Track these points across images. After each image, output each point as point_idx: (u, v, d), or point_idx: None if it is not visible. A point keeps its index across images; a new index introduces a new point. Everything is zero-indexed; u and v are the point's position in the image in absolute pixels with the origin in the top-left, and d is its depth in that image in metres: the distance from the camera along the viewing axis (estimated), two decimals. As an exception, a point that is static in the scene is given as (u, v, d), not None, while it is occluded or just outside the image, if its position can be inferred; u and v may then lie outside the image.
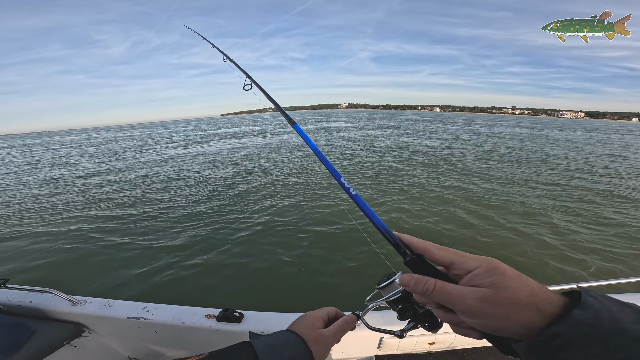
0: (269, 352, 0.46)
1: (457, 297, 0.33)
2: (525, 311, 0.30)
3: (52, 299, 1.17)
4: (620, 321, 0.28)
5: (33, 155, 20.46)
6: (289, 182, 6.98)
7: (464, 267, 0.35)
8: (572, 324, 0.28)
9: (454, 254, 0.36)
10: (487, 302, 0.31)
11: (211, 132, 31.46)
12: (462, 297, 0.33)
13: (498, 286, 0.32)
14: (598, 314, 0.28)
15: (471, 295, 0.32)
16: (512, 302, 0.31)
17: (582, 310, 0.29)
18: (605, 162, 11.57)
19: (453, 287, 0.34)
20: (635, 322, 0.28)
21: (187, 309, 1.11)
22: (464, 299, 0.33)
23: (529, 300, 0.31)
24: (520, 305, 0.31)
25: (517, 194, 6.29)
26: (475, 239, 4.10)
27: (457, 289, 0.34)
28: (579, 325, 0.28)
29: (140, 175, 9.40)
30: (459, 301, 0.33)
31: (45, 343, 1.05)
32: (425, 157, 11.12)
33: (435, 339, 1.10)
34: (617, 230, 4.51)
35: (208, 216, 5.01)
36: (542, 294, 0.31)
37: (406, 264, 0.40)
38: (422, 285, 0.36)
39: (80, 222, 5.14)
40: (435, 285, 0.35)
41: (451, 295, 0.34)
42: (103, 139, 33.79)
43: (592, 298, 0.30)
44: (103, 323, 1.14)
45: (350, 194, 0.49)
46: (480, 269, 0.33)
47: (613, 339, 0.27)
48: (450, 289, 0.34)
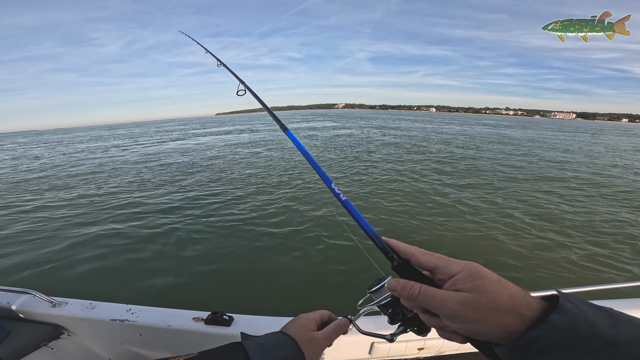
0: (260, 353, 0.45)
1: (440, 301, 0.34)
2: (505, 315, 0.31)
3: (32, 300, 1.12)
4: (595, 325, 0.28)
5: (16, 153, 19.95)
6: (280, 185, 6.91)
7: (447, 271, 0.35)
8: (550, 328, 0.29)
9: (438, 259, 0.37)
10: (468, 306, 0.32)
11: (201, 130, 31.24)
12: (445, 301, 0.33)
13: (479, 290, 0.32)
14: (574, 318, 0.29)
15: (453, 300, 0.33)
16: (492, 307, 0.31)
17: (559, 314, 0.30)
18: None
19: (436, 292, 0.35)
20: (610, 327, 0.28)
21: (174, 312, 1.07)
22: (446, 303, 0.33)
23: (508, 305, 0.31)
24: (500, 310, 0.31)
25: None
26: (465, 243, 4.13)
27: (440, 293, 0.34)
28: (556, 330, 0.29)
29: (125, 172, 9.25)
30: (441, 305, 0.34)
31: (20, 344, 1.00)
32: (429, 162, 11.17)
33: (424, 344, 1.09)
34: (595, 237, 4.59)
35: (197, 217, 4.92)
36: (521, 299, 0.32)
37: (394, 268, 0.40)
38: (408, 290, 0.36)
39: (63, 222, 5.00)
40: (420, 290, 0.35)
41: (434, 299, 0.34)
42: (88, 137, 33.25)
43: (569, 302, 0.31)
44: (84, 325, 1.09)
45: (340, 200, 0.49)
46: (462, 274, 0.34)
47: (589, 343, 0.28)
48: (433, 294, 0.34)
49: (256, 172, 8.42)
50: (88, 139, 27.57)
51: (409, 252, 0.39)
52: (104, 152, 15.36)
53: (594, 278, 3.28)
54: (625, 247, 3.99)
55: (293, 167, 8.95)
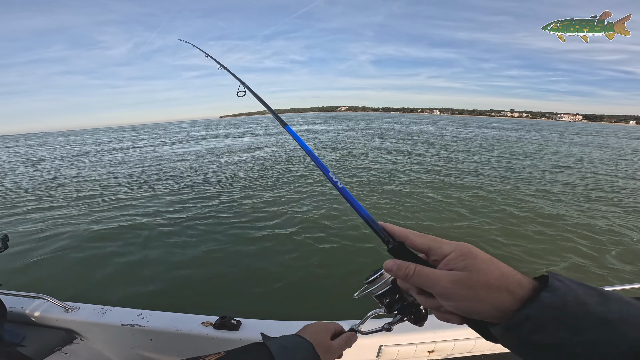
0: (282, 354, 0.49)
1: (434, 279, 0.35)
2: (497, 293, 0.32)
3: (45, 305, 1.15)
4: (585, 304, 0.29)
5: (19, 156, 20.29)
6: (283, 188, 6.94)
7: (440, 251, 0.37)
8: (541, 307, 0.30)
9: (431, 240, 0.38)
10: (461, 284, 0.33)
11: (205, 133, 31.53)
12: (438, 279, 0.34)
13: (470, 269, 0.33)
14: (564, 297, 0.30)
15: (446, 278, 0.34)
16: (483, 284, 0.32)
17: (550, 293, 0.30)
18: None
19: (430, 271, 0.36)
20: (600, 304, 0.29)
21: (183, 316, 1.09)
22: (439, 281, 0.34)
23: (499, 283, 0.32)
24: (492, 287, 0.32)
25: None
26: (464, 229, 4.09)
27: (434, 272, 0.36)
28: (547, 308, 0.29)
29: (133, 175, 9.35)
30: (435, 284, 0.35)
31: (35, 349, 1.02)
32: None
33: (434, 347, 1.08)
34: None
35: (204, 222, 4.94)
36: (512, 277, 0.33)
37: (389, 251, 0.41)
38: (404, 269, 0.37)
39: (75, 226, 5.08)
40: (415, 270, 0.37)
41: (428, 278, 0.35)
42: (99, 140, 33.78)
43: (559, 282, 0.31)
44: (96, 330, 1.12)
45: (337, 187, 0.50)
46: (454, 254, 0.35)
47: (579, 321, 0.28)
48: (427, 272, 0.36)
49: (260, 174, 8.46)
50: (98, 141, 27.97)
51: (403, 235, 0.40)
52: (111, 154, 15.57)
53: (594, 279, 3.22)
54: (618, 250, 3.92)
55: (295, 169, 8.98)
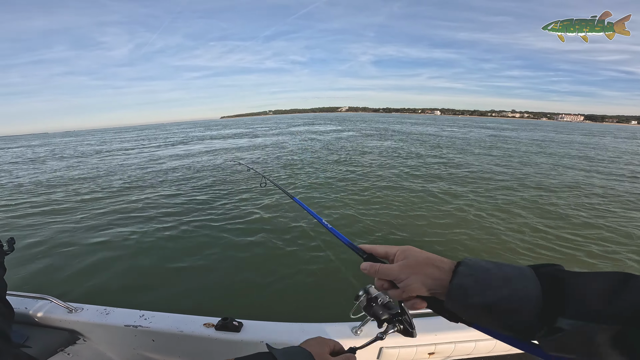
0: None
1: (389, 269, 0.51)
2: (427, 268, 0.47)
3: (48, 306, 1.16)
4: (488, 269, 0.42)
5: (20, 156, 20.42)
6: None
7: (392, 252, 0.54)
8: (461, 276, 0.42)
9: (386, 248, 0.56)
10: (404, 267, 0.49)
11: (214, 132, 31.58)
12: (391, 269, 0.51)
13: (408, 257, 0.50)
14: (473, 267, 0.43)
15: (395, 267, 0.51)
16: (416, 264, 0.48)
17: (463, 266, 0.44)
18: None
19: (387, 266, 0.53)
20: (497, 268, 0.41)
21: (185, 317, 1.10)
22: (393, 269, 0.51)
23: (427, 261, 0.48)
24: (422, 265, 0.48)
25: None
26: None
27: (389, 266, 0.52)
28: (465, 276, 0.42)
29: (134, 175, 9.38)
30: (390, 272, 0.51)
31: (38, 350, 1.03)
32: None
33: (435, 349, 1.08)
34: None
35: (207, 224, 4.96)
36: (435, 258, 0.49)
37: (364, 260, 0.59)
38: (374, 268, 0.54)
39: (77, 226, 5.10)
40: (380, 267, 0.53)
41: (387, 269, 0.52)
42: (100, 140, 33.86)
43: (467, 259, 0.45)
44: (99, 331, 1.13)
45: (327, 228, 0.77)
46: (399, 252, 0.53)
47: (491, 281, 0.40)
48: (386, 267, 0.53)
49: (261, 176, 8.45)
50: (99, 141, 28.10)
51: (370, 249, 0.59)
52: (113, 155, 15.64)
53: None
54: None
55: (297, 172, 9.00)
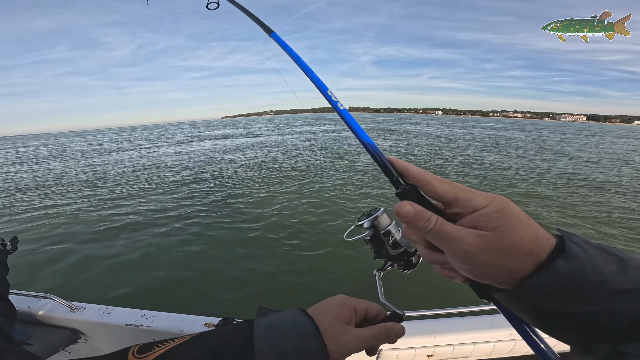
0: (267, 339, 0.36)
1: (455, 239, 0.29)
2: (525, 259, 0.28)
3: (51, 305, 1.16)
4: (602, 273, 0.26)
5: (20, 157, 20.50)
6: (288, 191, 6.94)
7: (471, 204, 0.30)
8: (554, 276, 0.26)
9: (459, 190, 0.31)
10: (487, 247, 0.28)
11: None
12: (462, 239, 0.29)
13: (504, 229, 0.28)
14: (582, 264, 0.26)
15: (471, 239, 0.29)
16: (514, 249, 0.28)
17: (566, 260, 0.27)
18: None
19: (453, 228, 0.30)
20: (618, 273, 0.26)
21: (186, 317, 1.10)
22: (463, 242, 0.29)
23: (531, 248, 0.28)
24: (522, 252, 0.27)
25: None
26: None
27: (458, 230, 0.30)
28: (561, 277, 0.26)
29: (135, 176, 9.41)
30: (455, 244, 0.29)
31: (39, 348, 1.04)
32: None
33: (433, 351, 1.08)
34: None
35: (208, 224, 4.97)
36: (545, 241, 0.28)
37: (398, 195, 0.34)
38: (424, 219, 0.30)
39: (80, 226, 5.14)
40: (437, 223, 0.30)
41: (449, 235, 0.30)
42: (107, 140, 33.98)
43: (576, 245, 0.27)
44: (100, 330, 1.13)
45: (337, 109, 0.43)
46: (488, 209, 0.29)
47: (593, 291, 0.26)
48: (449, 229, 0.30)
49: (262, 175, 8.48)
50: (101, 141, 28.22)
51: (423, 179, 0.32)
52: (114, 154, 15.70)
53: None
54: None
55: (298, 172, 9.00)
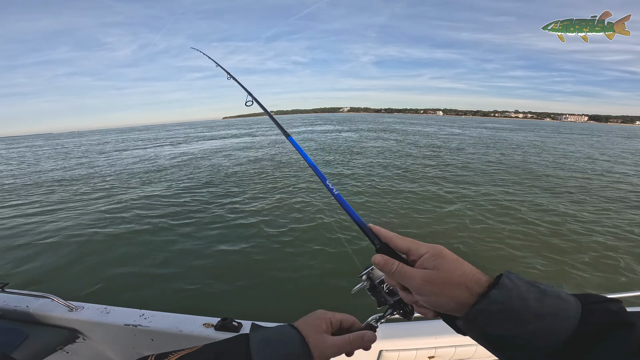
0: (263, 348, 0.44)
1: (410, 276, 0.40)
2: (457, 289, 0.36)
3: (50, 304, 1.16)
4: (525, 299, 0.33)
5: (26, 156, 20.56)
6: (288, 192, 6.94)
7: (418, 252, 0.41)
8: (489, 302, 0.34)
9: (410, 242, 0.43)
10: (429, 280, 0.38)
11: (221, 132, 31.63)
12: (413, 277, 0.39)
13: (438, 268, 0.38)
14: (509, 292, 0.34)
15: (418, 275, 0.39)
16: (446, 281, 0.37)
17: (498, 290, 0.34)
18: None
19: (408, 269, 0.40)
20: (537, 300, 0.33)
21: (185, 317, 1.09)
22: (414, 278, 0.39)
23: (460, 280, 0.37)
24: (453, 284, 0.37)
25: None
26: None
27: (411, 270, 0.40)
28: (494, 303, 0.34)
29: (136, 176, 9.42)
30: (410, 280, 0.39)
31: (37, 348, 1.03)
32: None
33: (435, 352, 1.07)
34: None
35: (207, 224, 4.97)
36: (472, 276, 0.37)
37: (377, 251, 0.46)
38: (389, 265, 0.42)
39: (80, 225, 5.14)
40: (397, 266, 0.41)
41: (406, 274, 0.40)
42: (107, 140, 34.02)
43: (508, 279, 0.35)
44: (98, 329, 1.12)
45: (333, 194, 0.55)
46: (428, 254, 0.40)
47: (520, 314, 0.32)
48: (406, 270, 0.40)
49: (262, 175, 8.49)
50: (102, 142, 28.31)
51: (388, 237, 0.45)
52: (115, 155, 15.75)
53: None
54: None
55: (298, 173, 8.99)
